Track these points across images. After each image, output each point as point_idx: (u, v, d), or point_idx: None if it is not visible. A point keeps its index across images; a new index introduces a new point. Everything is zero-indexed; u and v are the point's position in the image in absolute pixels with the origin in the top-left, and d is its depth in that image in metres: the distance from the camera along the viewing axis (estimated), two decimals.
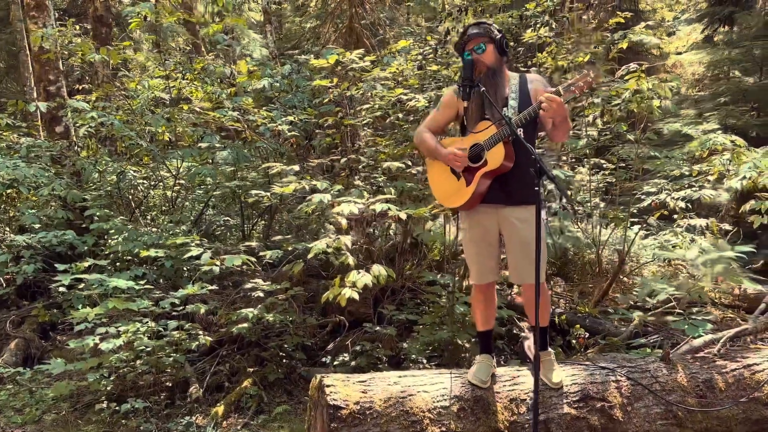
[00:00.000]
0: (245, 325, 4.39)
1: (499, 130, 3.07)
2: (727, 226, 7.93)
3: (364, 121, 5.10)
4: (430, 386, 3.08)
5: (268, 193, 4.93)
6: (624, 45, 6.10)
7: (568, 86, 2.90)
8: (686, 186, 6.22)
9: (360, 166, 4.83)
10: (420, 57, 5.15)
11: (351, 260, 3.94)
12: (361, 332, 4.78)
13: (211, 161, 5.64)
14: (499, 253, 3.31)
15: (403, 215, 3.93)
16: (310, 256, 4.08)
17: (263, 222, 7.22)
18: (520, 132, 3.03)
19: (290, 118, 5.36)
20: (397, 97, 4.65)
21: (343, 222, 4.01)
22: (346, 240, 3.85)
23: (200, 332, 4.51)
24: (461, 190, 3.19)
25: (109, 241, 5.92)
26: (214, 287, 4.68)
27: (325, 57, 5.54)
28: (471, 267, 3.34)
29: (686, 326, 3.76)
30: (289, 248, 4.45)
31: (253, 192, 4.91)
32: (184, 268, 5.68)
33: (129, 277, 4.75)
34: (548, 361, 3.27)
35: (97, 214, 5.84)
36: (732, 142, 5.95)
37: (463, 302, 4.58)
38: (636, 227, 6.82)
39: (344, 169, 4.76)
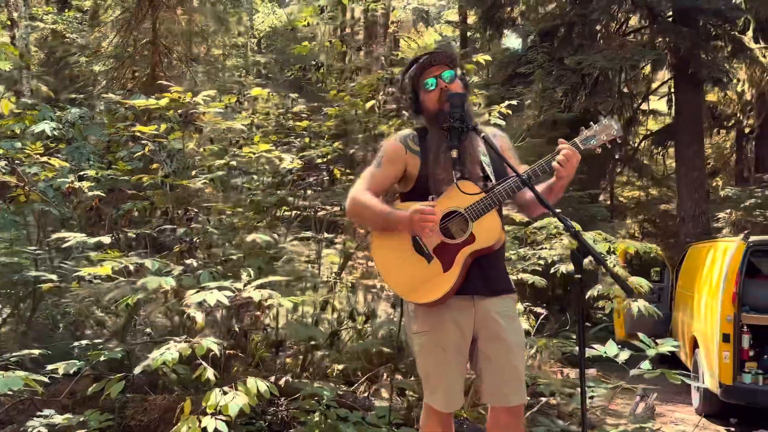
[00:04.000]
0: None
1: (494, 192, 2.24)
2: (539, 309, 8.11)
3: (200, 182, 3.93)
4: None
5: (53, 277, 3.45)
6: None
7: (587, 139, 2.24)
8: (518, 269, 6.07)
9: (198, 239, 3.61)
10: (280, 110, 4.22)
11: (211, 374, 2.72)
12: None
13: None
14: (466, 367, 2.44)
15: (288, 303, 2.86)
16: (137, 371, 2.76)
17: (16, 312, 5.33)
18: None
19: (91, 172, 3.93)
20: (258, 154, 3.62)
21: (199, 317, 2.79)
22: (210, 344, 2.63)
23: None
24: (437, 278, 2.26)
25: None
26: None
27: (136, 99, 4.30)
28: (436, 387, 2.36)
29: None
30: (100, 358, 3.00)
31: (33, 273, 3.38)
32: None
33: None
34: None
35: None
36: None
37: (338, 417, 3.54)
38: None
39: (180, 243, 3.52)
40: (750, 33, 12.87)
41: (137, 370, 2.74)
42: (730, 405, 5.77)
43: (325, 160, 4.07)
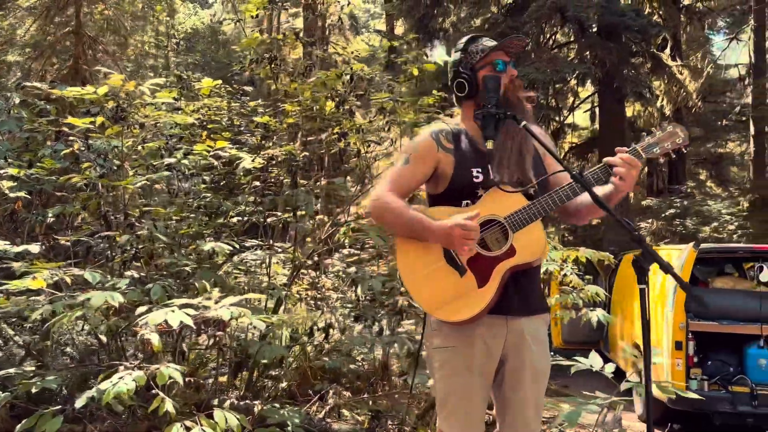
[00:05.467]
0: None
1: (540, 201, 1.99)
2: None
3: (138, 183, 3.47)
4: None
5: None
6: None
7: (649, 146, 1.99)
8: None
9: (144, 247, 3.15)
10: (234, 104, 3.81)
11: (170, 406, 2.31)
12: None
13: None
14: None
15: (260, 323, 2.50)
16: (80, 404, 2.33)
17: None
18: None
19: (12, 171, 3.39)
20: (214, 151, 3.22)
21: (155, 339, 2.38)
22: (173, 372, 2.23)
23: None
24: (470, 294, 1.99)
25: None
26: None
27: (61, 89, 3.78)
28: (454, 411, 2.08)
29: None
30: (32, 389, 2.52)
31: None
32: None
33: None
34: None
35: None
36: None
37: None
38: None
39: (122, 251, 3.04)
40: (668, 51, 13.54)
41: (79, 402, 2.30)
42: (674, 411, 5.84)
43: (278, 160, 3.71)
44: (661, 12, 13.77)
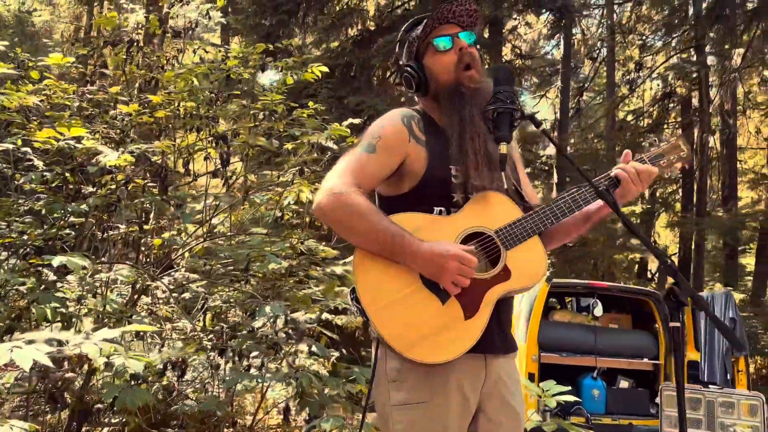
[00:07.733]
0: None
1: (540, 210, 1.66)
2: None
3: None
4: None
5: None
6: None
7: (656, 157, 1.74)
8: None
9: None
10: (91, 89, 3.07)
11: None
12: None
13: None
14: None
15: (137, 363, 1.93)
16: None
17: None
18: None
19: None
20: (64, 141, 2.50)
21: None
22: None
23: None
24: (455, 327, 1.57)
25: None
26: None
27: None
28: None
29: None
30: None
31: None
32: None
33: None
34: None
35: None
36: None
37: None
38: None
39: None
40: None
41: None
42: None
43: (142, 160, 3.09)
44: (490, 64, 14.89)
